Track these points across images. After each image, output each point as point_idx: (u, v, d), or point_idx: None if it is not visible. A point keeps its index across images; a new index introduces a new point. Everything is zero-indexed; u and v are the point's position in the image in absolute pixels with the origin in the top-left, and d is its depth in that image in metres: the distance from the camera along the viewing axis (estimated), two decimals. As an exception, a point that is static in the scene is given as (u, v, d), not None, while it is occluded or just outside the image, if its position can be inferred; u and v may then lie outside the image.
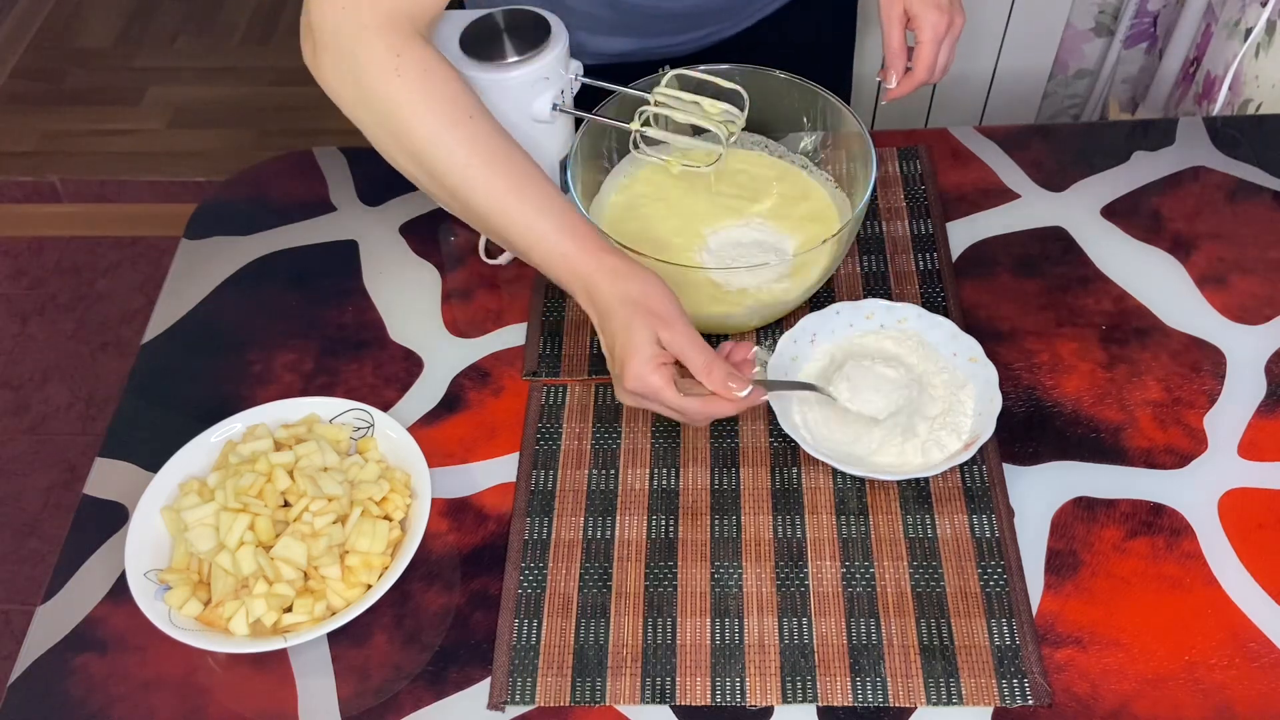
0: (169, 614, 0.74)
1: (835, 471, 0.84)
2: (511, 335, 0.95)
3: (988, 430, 0.81)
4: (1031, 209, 1.01)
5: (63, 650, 0.78)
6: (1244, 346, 0.90)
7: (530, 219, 0.77)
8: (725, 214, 0.96)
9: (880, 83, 0.97)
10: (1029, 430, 0.86)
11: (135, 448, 0.89)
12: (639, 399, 0.76)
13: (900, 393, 0.85)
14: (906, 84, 0.96)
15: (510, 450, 0.87)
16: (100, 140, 2.38)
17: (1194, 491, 0.82)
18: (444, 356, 0.94)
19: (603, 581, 0.79)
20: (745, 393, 0.75)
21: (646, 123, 0.92)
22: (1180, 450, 0.84)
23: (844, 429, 0.84)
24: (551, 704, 0.74)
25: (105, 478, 0.87)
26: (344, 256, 1.02)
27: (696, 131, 0.95)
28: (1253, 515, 0.80)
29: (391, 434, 0.84)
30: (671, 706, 0.73)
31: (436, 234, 1.03)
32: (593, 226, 0.79)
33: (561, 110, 0.91)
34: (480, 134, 0.77)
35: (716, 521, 0.82)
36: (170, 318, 0.98)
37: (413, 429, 0.87)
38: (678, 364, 0.76)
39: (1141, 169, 1.04)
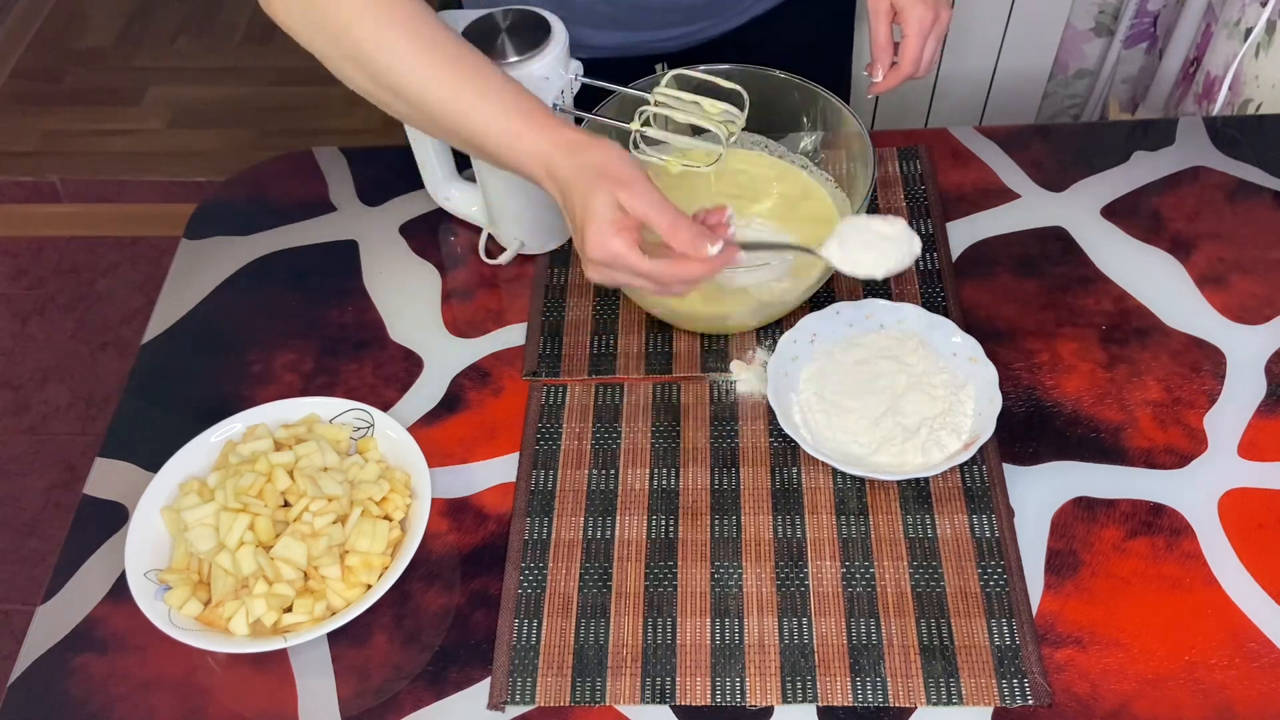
0: (169, 614, 0.74)
1: (835, 471, 0.84)
2: (511, 335, 0.95)
3: (988, 430, 0.81)
4: (1031, 209, 1.01)
5: (63, 650, 0.78)
6: (1244, 346, 0.90)
7: (481, 106, 0.75)
8: (725, 214, 0.95)
9: (866, 76, 0.98)
10: (1029, 430, 0.86)
11: (135, 448, 0.89)
12: (605, 270, 0.73)
13: (897, 249, 0.80)
14: (892, 78, 0.96)
15: (510, 450, 0.87)
16: (100, 140, 2.38)
17: (1194, 491, 0.82)
18: (444, 356, 0.94)
19: (603, 581, 0.79)
20: (716, 249, 0.72)
21: (646, 123, 0.92)
22: (1180, 450, 0.84)
23: (845, 415, 0.84)
24: (551, 704, 0.74)
25: (105, 478, 0.87)
26: (344, 256, 1.02)
27: (696, 131, 0.94)
28: (1253, 515, 0.80)
29: (391, 434, 0.84)
30: (671, 706, 0.73)
31: (436, 234, 1.03)
32: (545, 105, 0.77)
33: (561, 110, 0.91)
34: (425, 31, 0.76)
35: (716, 521, 0.82)
36: (170, 318, 0.98)
37: (413, 429, 0.87)
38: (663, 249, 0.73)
39: (1141, 169, 1.04)
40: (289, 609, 0.75)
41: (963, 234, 1.00)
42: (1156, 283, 0.95)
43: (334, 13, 0.76)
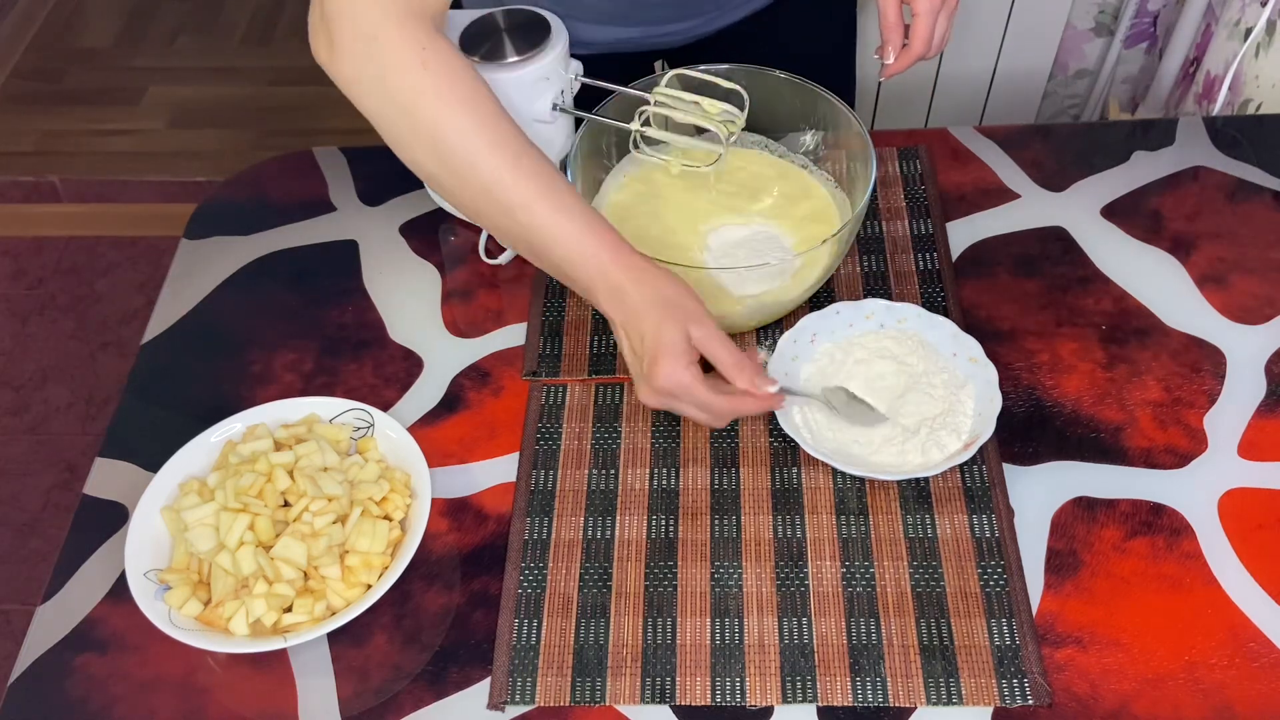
0: (169, 614, 0.74)
1: (835, 471, 0.84)
2: (511, 335, 0.95)
3: (988, 430, 0.81)
4: (1031, 209, 1.01)
5: (63, 650, 0.78)
6: (1244, 346, 0.90)
7: (558, 220, 0.76)
8: (725, 213, 0.96)
9: (877, 59, 0.97)
10: (1029, 430, 0.86)
11: (135, 448, 0.89)
12: (668, 398, 0.76)
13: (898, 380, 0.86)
14: (904, 59, 0.95)
15: (510, 450, 0.87)
16: (100, 140, 2.38)
17: (1194, 491, 0.82)
18: (444, 356, 0.94)
19: (603, 581, 0.79)
20: (774, 389, 0.76)
21: (646, 122, 0.92)
22: (1180, 450, 0.84)
23: (849, 429, 0.84)
24: (551, 704, 0.74)
25: (105, 478, 0.87)
26: (344, 256, 1.02)
27: (696, 131, 0.95)
28: (1253, 515, 0.80)
29: (391, 434, 0.84)
30: (671, 706, 0.73)
31: (436, 234, 1.03)
32: (614, 229, 0.78)
33: (561, 110, 0.91)
34: (506, 134, 0.77)
35: (716, 521, 0.82)
36: (170, 318, 0.98)
37: (413, 429, 0.87)
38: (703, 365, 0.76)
39: (1141, 169, 1.04)
40: (289, 609, 0.75)
41: (962, 234, 1.00)
42: (1156, 283, 0.95)
43: (419, 96, 0.75)
